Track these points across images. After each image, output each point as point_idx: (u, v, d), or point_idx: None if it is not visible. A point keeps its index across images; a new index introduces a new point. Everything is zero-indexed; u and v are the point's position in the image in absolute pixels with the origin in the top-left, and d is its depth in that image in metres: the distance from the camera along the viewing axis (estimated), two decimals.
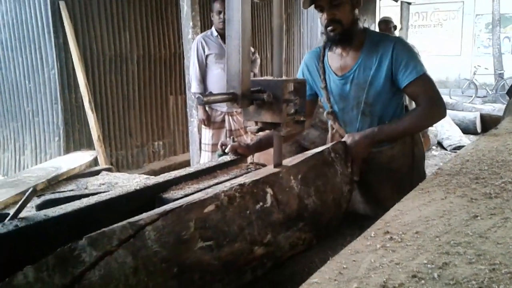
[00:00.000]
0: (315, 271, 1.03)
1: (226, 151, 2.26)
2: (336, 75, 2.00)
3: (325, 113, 2.11)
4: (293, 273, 1.37)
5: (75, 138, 4.67)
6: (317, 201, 1.57)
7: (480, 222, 1.07)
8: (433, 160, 7.00)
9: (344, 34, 1.90)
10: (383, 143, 1.96)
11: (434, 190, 1.34)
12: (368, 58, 1.92)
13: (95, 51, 4.79)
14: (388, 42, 1.91)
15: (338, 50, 2.00)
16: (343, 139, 1.90)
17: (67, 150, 4.52)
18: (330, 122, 2.14)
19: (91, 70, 4.77)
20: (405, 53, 1.88)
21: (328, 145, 1.81)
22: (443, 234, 1.01)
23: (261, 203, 1.34)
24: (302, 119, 1.61)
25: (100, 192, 1.96)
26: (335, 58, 2.02)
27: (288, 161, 1.61)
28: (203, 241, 1.16)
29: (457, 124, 8.53)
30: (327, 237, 1.60)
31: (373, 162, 2.00)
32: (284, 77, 1.58)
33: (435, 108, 1.90)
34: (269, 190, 1.39)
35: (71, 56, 4.42)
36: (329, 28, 1.89)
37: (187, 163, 5.02)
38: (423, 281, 0.80)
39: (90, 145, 4.58)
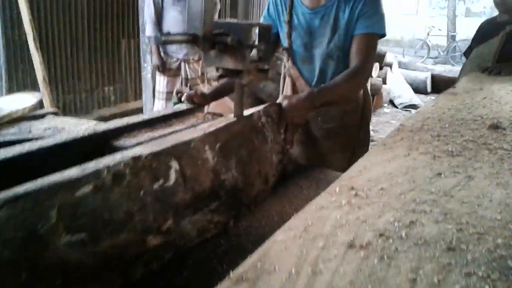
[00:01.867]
0: (228, 256, 1.03)
1: (182, 99, 2.16)
2: (307, 7, 1.93)
3: (281, 48, 2.05)
4: (197, 262, 1.12)
5: (19, 78, 4.38)
6: (238, 175, 1.35)
7: (444, 180, 1.05)
8: (385, 117, 7.15)
9: None
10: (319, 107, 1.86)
11: (397, 146, 1.32)
12: (342, 2, 1.86)
13: None
14: None
15: None
16: (277, 101, 1.82)
17: (10, 91, 4.24)
18: (284, 61, 2.07)
19: (37, 5, 4.42)
20: (376, 6, 1.84)
21: (259, 107, 1.62)
22: (408, 191, 0.98)
23: (161, 181, 1.09)
24: (266, 67, 1.54)
25: (45, 137, 1.83)
26: None
27: (206, 126, 1.37)
28: (71, 234, 0.90)
29: (408, 83, 8.72)
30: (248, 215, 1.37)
31: (325, 116, 1.98)
32: (249, 21, 1.48)
33: (364, 75, 1.90)
34: (174, 164, 1.13)
35: None
36: None
37: (139, 111, 4.85)
38: (391, 240, 0.77)
39: (35, 87, 4.30)
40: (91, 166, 1.00)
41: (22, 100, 2.92)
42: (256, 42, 1.46)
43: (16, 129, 2.42)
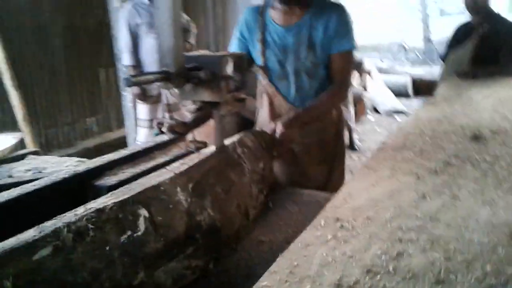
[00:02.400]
0: None
1: (163, 130, 2.14)
2: (279, 25, 1.97)
3: (255, 67, 2.07)
4: None
5: None
6: (215, 214, 1.27)
7: (429, 202, 1.04)
8: (370, 125, 7.18)
9: None
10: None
11: (380, 167, 1.31)
12: (314, 19, 1.91)
13: (13, 21, 4.39)
14: (335, 8, 1.94)
15: (283, 7, 1.96)
16: (269, 125, 1.86)
17: None
18: (259, 77, 2.11)
19: (10, 43, 4.37)
20: (347, 23, 1.93)
21: (233, 138, 1.61)
22: (394, 218, 0.97)
23: (129, 232, 1.01)
24: (242, 96, 1.52)
25: (25, 181, 1.79)
26: (278, 13, 1.99)
27: (177, 165, 1.31)
28: None
29: (390, 88, 8.78)
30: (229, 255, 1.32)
31: (304, 132, 2.01)
32: (222, 52, 1.48)
33: (346, 90, 2.06)
34: (142, 212, 1.06)
35: None
36: None
37: (123, 140, 4.80)
38: (378, 276, 0.76)
39: (14, 126, 4.24)
40: (49, 224, 0.93)
41: (1, 142, 2.88)
42: (231, 73, 1.45)
43: None
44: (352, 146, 5.84)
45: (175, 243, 1.11)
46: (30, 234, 0.89)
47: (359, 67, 7.71)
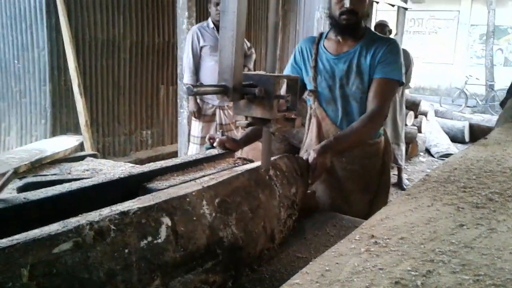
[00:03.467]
0: None
1: (214, 144, 2.24)
2: (331, 54, 2.10)
3: (306, 92, 2.17)
4: None
5: (62, 121, 4.61)
6: (239, 232, 1.25)
7: (466, 231, 1.06)
8: (420, 167, 7.04)
9: (354, 25, 2.02)
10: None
11: (421, 196, 1.33)
12: (364, 48, 2.04)
13: (87, 34, 4.72)
14: (385, 40, 2.07)
15: (337, 37, 2.10)
16: (301, 154, 1.92)
17: (53, 134, 4.45)
18: (309, 102, 2.20)
19: (82, 53, 4.70)
20: (395, 54, 2.03)
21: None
22: (428, 241, 1.00)
23: (149, 238, 1.02)
24: (293, 116, 1.59)
25: (83, 178, 1.92)
26: (332, 43, 2.13)
27: (206, 180, 1.32)
28: None
29: (446, 132, 8.59)
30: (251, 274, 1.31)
31: (348, 158, 2.08)
32: (277, 74, 1.56)
33: (381, 117, 2.02)
34: (165, 220, 1.07)
35: (62, 37, 4.35)
36: (344, 17, 1.99)
37: (174, 154, 4.97)
38: None
39: (77, 130, 4.51)
40: (73, 221, 0.96)
41: (64, 143, 3.08)
42: (284, 93, 1.53)
43: (57, 169, 2.55)
44: (400, 185, 5.75)
45: (194, 255, 1.11)
46: (54, 227, 0.92)
47: (416, 107, 7.62)
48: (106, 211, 1.02)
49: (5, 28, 4.71)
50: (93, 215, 0.99)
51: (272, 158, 1.66)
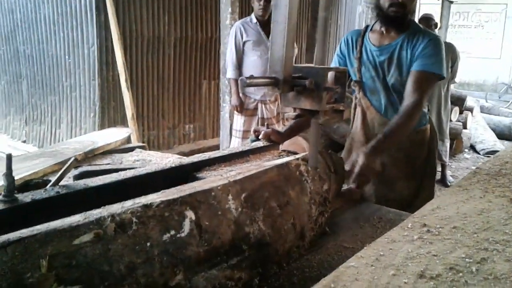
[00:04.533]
0: None
1: (259, 137, 2.29)
2: (374, 45, 2.15)
3: (352, 82, 2.21)
4: None
5: (110, 115, 4.77)
6: (266, 228, 1.21)
7: None
8: (465, 163, 6.87)
9: (401, 18, 2.05)
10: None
11: (472, 188, 1.33)
12: (406, 41, 2.07)
13: (134, 31, 4.86)
14: (428, 35, 2.06)
15: (381, 29, 2.14)
16: (348, 142, 1.94)
17: (101, 127, 4.62)
18: (355, 93, 2.25)
19: (129, 49, 4.84)
20: (436, 49, 2.02)
21: (298, 155, 1.59)
22: (481, 231, 1.00)
23: (172, 232, 0.99)
24: (341, 108, 1.61)
25: (136, 167, 2.01)
26: (376, 34, 2.17)
27: (233, 174, 1.29)
28: (63, 286, 0.82)
29: (492, 129, 8.33)
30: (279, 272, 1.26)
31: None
32: (326, 66, 1.58)
33: (419, 112, 1.99)
34: (189, 214, 1.04)
35: (111, 34, 4.50)
36: (393, 9, 2.01)
37: (216, 148, 5.06)
38: (460, 274, 0.81)
39: (124, 123, 4.66)
40: (95, 212, 0.96)
41: (114, 135, 3.20)
42: (333, 85, 1.55)
43: (109, 159, 2.66)
44: (444, 182, 5.63)
45: (218, 250, 1.08)
46: (75, 218, 0.92)
47: (461, 103, 7.43)
48: (128, 204, 1.01)
49: (56, 25, 4.91)
50: (115, 207, 0.98)
51: (303, 154, 1.64)
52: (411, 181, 2.16)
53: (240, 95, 4.25)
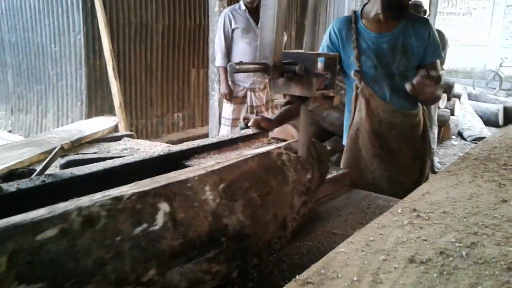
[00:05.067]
0: None
1: (249, 124, 2.28)
2: (374, 33, 2.16)
3: (352, 72, 2.19)
4: None
5: (97, 104, 4.72)
6: (246, 219, 1.16)
7: (508, 206, 1.06)
8: (452, 150, 6.93)
9: (398, 4, 2.11)
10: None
11: (462, 173, 1.33)
12: (408, 29, 2.12)
13: (121, 18, 4.80)
14: (425, 23, 2.17)
15: (377, 17, 2.13)
16: (353, 133, 2.07)
17: (89, 116, 4.57)
18: (355, 82, 2.22)
19: (116, 37, 4.78)
20: (436, 37, 2.16)
21: (281, 144, 1.53)
22: (471, 215, 1.01)
23: (145, 225, 0.94)
24: (331, 94, 1.60)
25: (123, 156, 1.98)
26: (372, 22, 2.17)
27: (211, 163, 1.24)
28: (24, 284, 0.78)
29: (479, 116, 8.41)
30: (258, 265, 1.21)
31: (398, 130, 2.18)
32: (316, 51, 1.57)
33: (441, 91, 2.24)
34: (163, 206, 0.99)
35: (97, 22, 4.43)
36: None
37: (205, 136, 5.01)
38: (451, 258, 0.81)
39: (111, 112, 4.61)
40: (61, 206, 0.90)
41: (102, 123, 3.16)
42: (323, 71, 1.54)
43: (96, 148, 2.63)
44: (431, 168, 5.67)
45: (195, 243, 1.03)
46: (39, 212, 0.86)
47: (449, 90, 7.47)
48: (97, 196, 0.96)
49: (42, 13, 4.82)
50: (83, 200, 0.93)
51: (286, 142, 1.61)
52: (416, 160, 2.25)
53: (229, 83, 4.23)
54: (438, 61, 2.20)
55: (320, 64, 1.62)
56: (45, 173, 1.55)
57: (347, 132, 2.30)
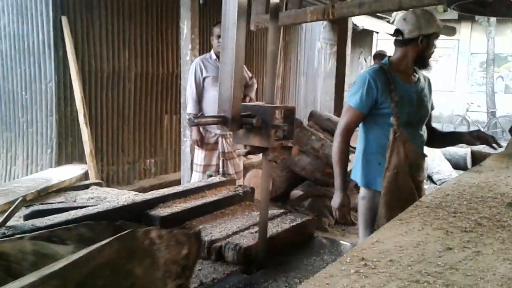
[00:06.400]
0: None
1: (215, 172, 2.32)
2: (406, 83, 2.48)
3: (391, 118, 2.37)
4: None
5: (68, 151, 4.69)
6: None
7: (453, 254, 1.11)
8: None
9: (424, 59, 2.49)
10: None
11: (412, 221, 1.38)
12: (424, 81, 2.58)
13: (93, 66, 4.85)
14: (427, 74, 2.61)
15: (407, 69, 2.51)
16: (391, 175, 2.34)
17: (59, 163, 4.53)
18: (393, 127, 2.38)
19: (88, 84, 4.82)
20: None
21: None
22: (415, 263, 1.05)
23: None
24: (289, 144, 1.66)
25: (88, 206, 1.99)
26: (402, 74, 2.50)
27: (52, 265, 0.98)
28: None
29: (447, 159, 8.62)
30: None
31: (421, 170, 2.54)
32: (274, 104, 1.64)
33: None
34: None
35: (69, 70, 4.47)
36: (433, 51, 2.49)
37: (178, 182, 5.02)
38: None
39: (82, 159, 4.59)
40: None
41: (70, 171, 3.16)
42: (281, 123, 1.60)
43: (62, 197, 2.62)
44: None
45: None
46: None
47: None
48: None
49: (13, 61, 4.84)
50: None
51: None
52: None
53: (201, 130, 4.28)
54: None
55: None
56: (6, 224, 1.54)
57: (379, 176, 2.39)
